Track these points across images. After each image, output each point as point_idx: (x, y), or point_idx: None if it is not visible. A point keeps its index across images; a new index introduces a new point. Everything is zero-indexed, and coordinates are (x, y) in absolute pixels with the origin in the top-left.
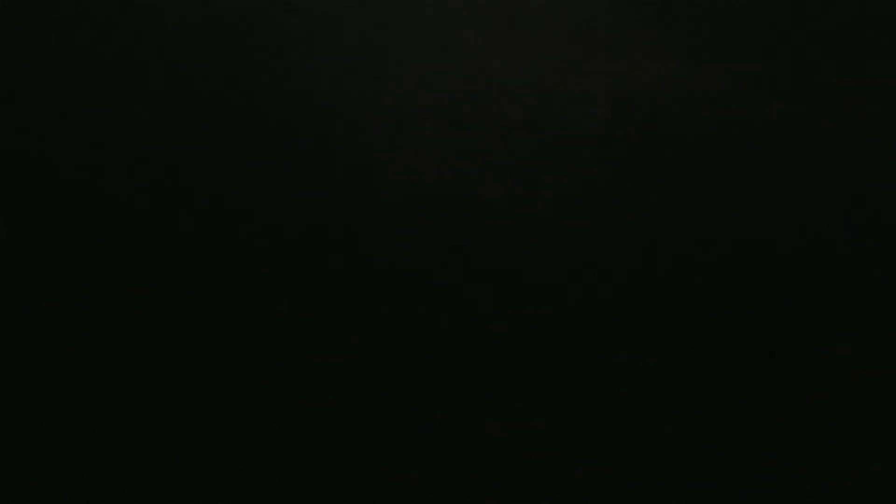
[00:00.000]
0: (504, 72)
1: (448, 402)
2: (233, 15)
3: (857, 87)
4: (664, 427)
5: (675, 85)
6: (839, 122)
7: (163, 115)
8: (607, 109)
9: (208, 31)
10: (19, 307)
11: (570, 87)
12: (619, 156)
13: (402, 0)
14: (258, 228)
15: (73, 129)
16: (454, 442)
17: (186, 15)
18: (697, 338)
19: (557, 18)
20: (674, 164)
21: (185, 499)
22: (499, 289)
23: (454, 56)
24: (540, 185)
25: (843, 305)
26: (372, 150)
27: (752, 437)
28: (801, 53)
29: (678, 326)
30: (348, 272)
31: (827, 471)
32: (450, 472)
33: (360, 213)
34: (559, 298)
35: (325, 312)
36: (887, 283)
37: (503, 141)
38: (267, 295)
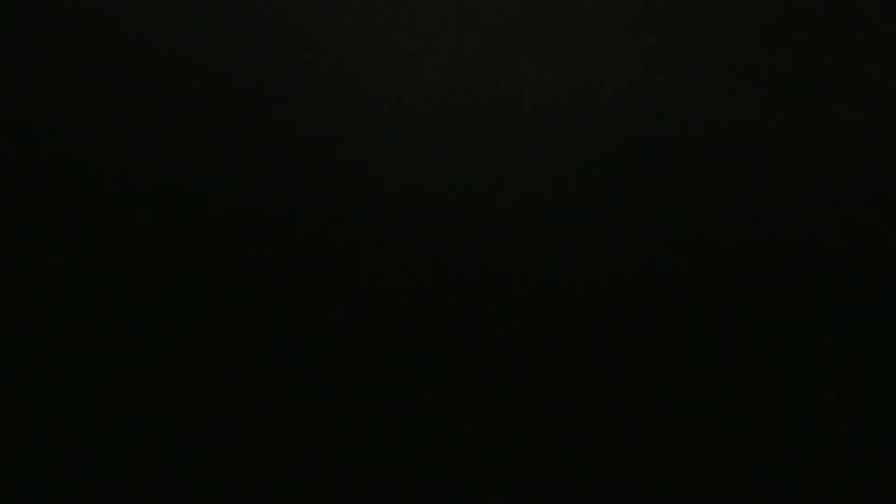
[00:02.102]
0: (505, 72)
1: (448, 402)
2: (234, 14)
3: (857, 87)
4: (664, 427)
5: (673, 84)
6: (839, 122)
7: (163, 113)
8: (606, 110)
9: (208, 30)
10: (19, 307)
11: (571, 88)
12: (618, 156)
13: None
14: (257, 227)
15: (74, 128)
16: (453, 442)
17: (188, 14)
18: (696, 338)
19: (559, 19)
20: (673, 165)
21: (186, 499)
22: (499, 288)
23: (454, 56)
24: (539, 184)
25: (843, 305)
26: (372, 150)
27: (752, 438)
28: (800, 53)
29: (677, 326)
30: (348, 271)
31: (827, 471)
32: (449, 471)
33: (360, 213)
34: (559, 298)
35: (325, 311)
36: (887, 283)
37: (503, 140)
38: (266, 293)
